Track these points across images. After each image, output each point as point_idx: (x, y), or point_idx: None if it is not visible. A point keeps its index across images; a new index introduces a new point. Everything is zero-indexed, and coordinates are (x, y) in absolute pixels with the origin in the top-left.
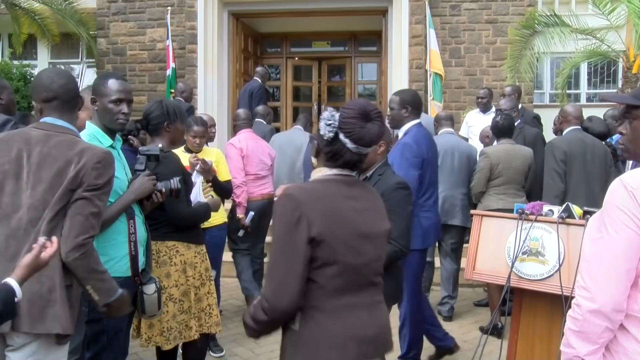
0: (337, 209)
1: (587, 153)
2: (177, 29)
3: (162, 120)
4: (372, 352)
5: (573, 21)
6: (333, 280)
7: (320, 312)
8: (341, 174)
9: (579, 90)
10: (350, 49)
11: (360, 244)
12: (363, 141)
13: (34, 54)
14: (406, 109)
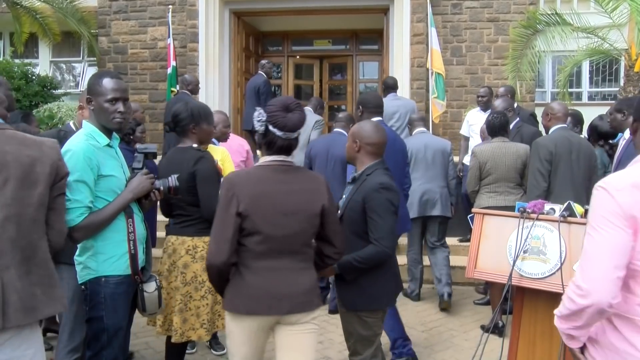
0: (264, 191)
1: (572, 152)
2: (178, 28)
3: (189, 122)
4: (286, 307)
5: (575, 19)
6: (257, 246)
7: (246, 269)
8: (277, 160)
9: (581, 89)
10: (351, 48)
11: (282, 219)
12: (287, 127)
13: (36, 53)
14: (358, 108)
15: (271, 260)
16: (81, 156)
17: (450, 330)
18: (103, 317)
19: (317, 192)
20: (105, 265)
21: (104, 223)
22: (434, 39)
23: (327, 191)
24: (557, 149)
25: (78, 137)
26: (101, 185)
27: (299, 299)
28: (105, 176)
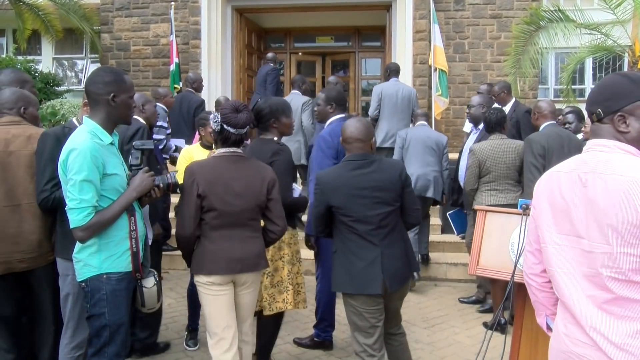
0: (219, 176)
1: (564, 147)
2: (181, 25)
3: (270, 117)
4: (239, 267)
5: (578, 16)
6: (213, 220)
7: (206, 239)
8: (229, 151)
9: (584, 86)
10: (354, 44)
11: (233, 199)
12: (239, 125)
13: (38, 50)
14: (331, 105)
15: (225, 231)
16: (88, 155)
17: (452, 327)
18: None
19: (262, 178)
20: (107, 262)
21: (110, 222)
22: (437, 35)
23: (272, 177)
24: (549, 144)
25: (82, 135)
26: (105, 184)
27: (248, 261)
28: (109, 175)
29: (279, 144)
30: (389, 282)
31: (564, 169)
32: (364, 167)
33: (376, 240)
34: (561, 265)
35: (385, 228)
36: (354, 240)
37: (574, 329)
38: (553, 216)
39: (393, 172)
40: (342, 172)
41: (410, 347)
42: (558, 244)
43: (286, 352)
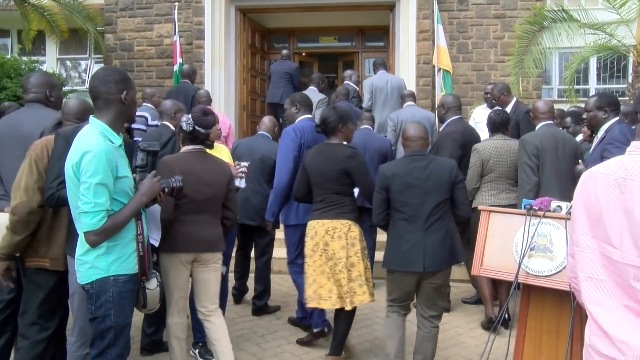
0: (190, 168)
1: (558, 148)
2: (185, 25)
3: (338, 123)
4: (205, 247)
5: (582, 16)
6: (185, 206)
7: (178, 221)
8: (197, 148)
9: (588, 86)
10: (357, 44)
11: (202, 188)
12: (208, 126)
13: (43, 50)
14: (296, 106)
15: (193, 215)
16: (103, 158)
17: (456, 328)
18: (111, 316)
19: (224, 171)
20: (115, 265)
21: (121, 226)
22: (440, 35)
23: (230, 171)
24: (543, 144)
25: (94, 137)
26: (116, 187)
27: (212, 242)
28: (120, 177)
29: (351, 148)
30: (427, 263)
31: (602, 170)
32: (419, 161)
33: (421, 226)
34: (594, 271)
35: (432, 217)
36: (402, 224)
37: (598, 341)
38: (587, 219)
39: (444, 169)
40: (401, 163)
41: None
42: (592, 249)
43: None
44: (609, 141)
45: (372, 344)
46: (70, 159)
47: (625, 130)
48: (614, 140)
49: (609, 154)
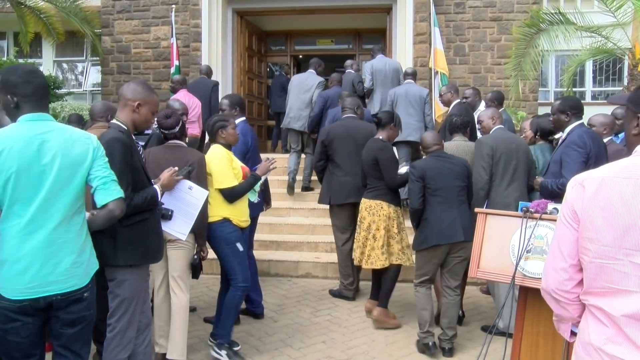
0: (158, 157)
1: (511, 150)
2: (182, 27)
3: (389, 121)
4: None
5: (578, 18)
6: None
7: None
8: (170, 143)
9: (584, 88)
10: (354, 47)
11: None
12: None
13: (39, 53)
14: (235, 109)
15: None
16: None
17: None
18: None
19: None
20: None
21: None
22: (437, 38)
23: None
24: (497, 146)
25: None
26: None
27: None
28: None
29: (383, 142)
30: (464, 233)
31: (621, 174)
32: (442, 157)
33: (455, 205)
34: (625, 283)
35: (459, 197)
36: (440, 204)
37: (621, 350)
38: (611, 229)
39: (460, 163)
40: (430, 159)
41: (410, 349)
42: (619, 260)
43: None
44: (567, 144)
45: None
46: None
47: (583, 135)
48: (572, 144)
49: (566, 157)
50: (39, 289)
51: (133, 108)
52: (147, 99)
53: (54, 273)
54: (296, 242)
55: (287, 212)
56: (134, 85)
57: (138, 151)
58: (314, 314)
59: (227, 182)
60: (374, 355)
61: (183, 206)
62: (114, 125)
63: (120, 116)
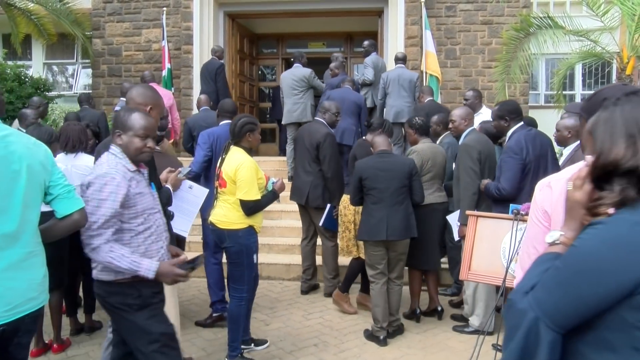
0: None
1: (491, 153)
2: (173, 30)
3: (378, 127)
4: None
5: (567, 22)
6: None
7: None
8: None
9: (574, 91)
10: (346, 50)
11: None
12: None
13: (29, 55)
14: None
15: None
16: None
17: (444, 333)
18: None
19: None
20: None
21: None
22: (429, 41)
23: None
24: (483, 149)
25: None
26: None
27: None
28: None
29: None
30: (389, 233)
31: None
32: (383, 158)
33: (388, 205)
34: None
35: (395, 198)
36: (372, 204)
37: None
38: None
39: (402, 163)
40: (370, 160)
41: (402, 352)
42: None
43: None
44: (505, 151)
45: None
46: None
47: (521, 139)
48: (509, 151)
49: (503, 163)
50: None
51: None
52: (156, 103)
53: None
54: (288, 245)
55: (279, 215)
56: (142, 89)
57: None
58: (305, 317)
59: (252, 194)
60: (365, 358)
61: (184, 205)
62: None
63: None
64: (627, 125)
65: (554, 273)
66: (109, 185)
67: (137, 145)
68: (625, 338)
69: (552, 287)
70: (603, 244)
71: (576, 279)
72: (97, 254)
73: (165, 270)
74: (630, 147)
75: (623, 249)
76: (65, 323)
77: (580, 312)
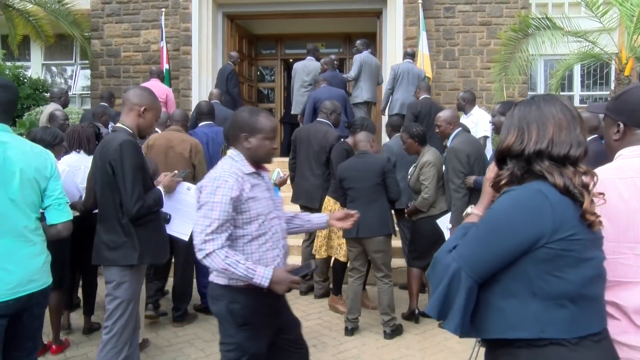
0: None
1: (481, 154)
2: (172, 31)
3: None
4: None
5: (565, 23)
6: None
7: None
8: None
9: (573, 92)
10: (344, 50)
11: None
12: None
13: (27, 56)
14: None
15: None
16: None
17: (443, 333)
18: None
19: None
20: None
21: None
22: (424, 42)
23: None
24: (471, 152)
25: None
26: None
27: None
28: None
29: (342, 144)
30: (360, 230)
31: (617, 175)
32: (361, 158)
33: (362, 203)
34: (631, 275)
35: (369, 195)
36: (349, 202)
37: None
38: (614, 225)
39: (375, 162)
40: (351, 160)
41: (401, 353)
42: (623, 253)
43: None
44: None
45: None
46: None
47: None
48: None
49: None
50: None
51: (139, 113)
52: (152, 105)
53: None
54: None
55: None
56: (139, 90)
57: (143, 154)
58: (304, 318)
59: None
60: (364, 359)
61: (183, 207)
62: (121, 129)
63: (126, 120)
64: (519, 121)
65: (474, 231)
66: (222, 188)
67: (268, 147)
68: (526, 286)
69: (471, 242)
70: (511, 205)
71: (490, 234)
72: (211, 260)
73: (280, 277)
74: (518, 138)
75: (525, 210)
76: (72, 319)
77: (493, 263)
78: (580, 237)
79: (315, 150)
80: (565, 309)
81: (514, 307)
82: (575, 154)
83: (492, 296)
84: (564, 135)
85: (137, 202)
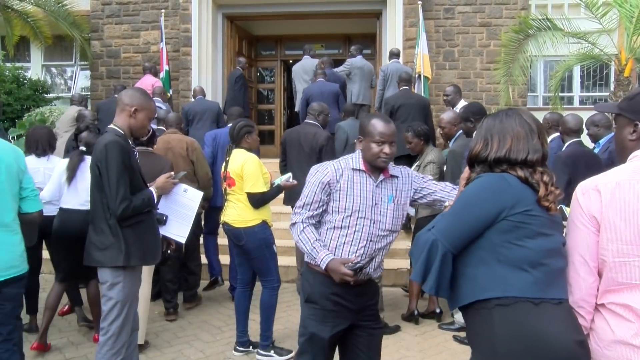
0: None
1: None
2: (172, 32)
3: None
4: None
5: (565, 24)
6: None
7: None
8: (141, 148)
9: (572, 93)
10: (344, 52)
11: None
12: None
13: (27, 57)
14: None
15: None
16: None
17: (443, 334)
18: None
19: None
20: None
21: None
22: (424, 43)
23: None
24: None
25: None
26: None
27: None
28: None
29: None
30: None
31: (634, 177)
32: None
33: None
34: None
35: None
36: None
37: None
38: (630, 228)
39: None
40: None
41: (400, 354)
42: (638, 256)
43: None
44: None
45: None
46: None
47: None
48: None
49: (463, 166)
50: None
51: (130, 113)
52: (144, 105)
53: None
54: (286, 247)
55: (277, 217)
56: (132, 91)
57: (135, 154)
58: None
59: (259, 187)
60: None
61: (179, 209)
62: (111, 129)
63: (118, 121)
64: (485, 132)
65: (451, 209)
66: (319, 173)
67: (373, 151)
68: (492, 254)
69: (448, 217)
70: (479, 186)
71: (464, 209)
72: (293, 229)
73: (334, 266)
74: (483, 147)
75: (491, 189)
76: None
77: (464, 233)
78: (537, 214)
79: (306, 152)
80: (526, 272)
81: (484, 273)
82: (532, 159)
83: (465, 267)
84: (522, 144)
85: (121, 202)
